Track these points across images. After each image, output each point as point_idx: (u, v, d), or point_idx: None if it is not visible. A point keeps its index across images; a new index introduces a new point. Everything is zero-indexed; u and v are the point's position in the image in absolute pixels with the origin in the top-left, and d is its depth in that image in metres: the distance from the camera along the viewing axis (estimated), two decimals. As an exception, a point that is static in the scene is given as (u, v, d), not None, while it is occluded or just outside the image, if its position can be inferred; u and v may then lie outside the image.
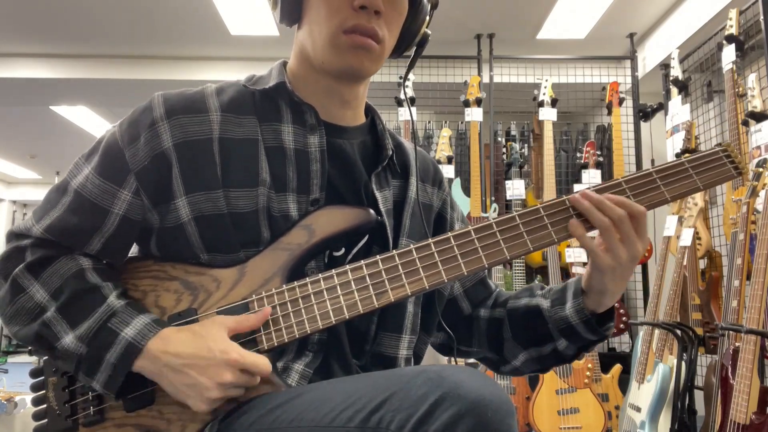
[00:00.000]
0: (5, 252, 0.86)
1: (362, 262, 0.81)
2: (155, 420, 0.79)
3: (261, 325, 0.79)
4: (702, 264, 2.90)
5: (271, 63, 0.96)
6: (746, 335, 2.00)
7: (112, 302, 0.80)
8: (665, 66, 3.46)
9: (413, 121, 1.05)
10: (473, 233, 0.81)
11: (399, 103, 3.68)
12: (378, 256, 0.81)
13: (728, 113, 2.68)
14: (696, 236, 2.80)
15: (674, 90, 3.22)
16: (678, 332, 2.51)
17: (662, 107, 3.57)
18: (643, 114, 3.87)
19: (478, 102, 3.66)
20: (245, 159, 0.86)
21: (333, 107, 0.93)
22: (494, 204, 3.67)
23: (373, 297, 0.79)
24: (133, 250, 0.91)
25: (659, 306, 2.72)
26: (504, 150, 3.77)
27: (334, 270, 0.81)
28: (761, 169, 2.24)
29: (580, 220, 0.82)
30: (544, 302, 0.93)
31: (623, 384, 2.96)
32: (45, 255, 0.84)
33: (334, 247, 0.89)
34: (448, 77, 4.01)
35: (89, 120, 5.78)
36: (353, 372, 0.87)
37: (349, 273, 0.81)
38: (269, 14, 3.67)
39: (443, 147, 3.69)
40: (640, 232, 0.82)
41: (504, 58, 3.97)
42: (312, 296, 0.80)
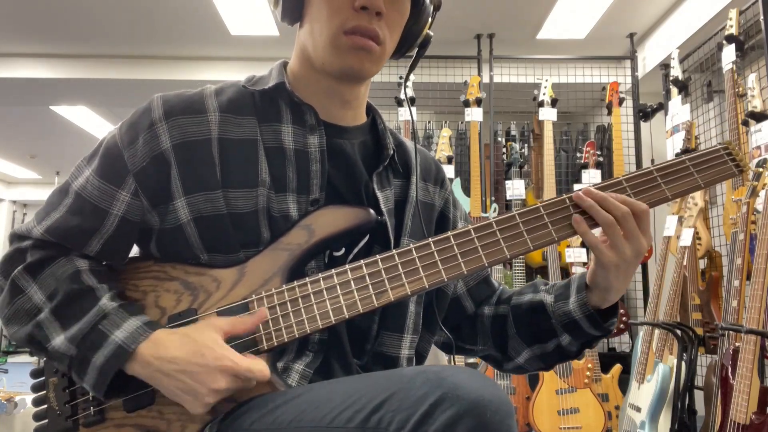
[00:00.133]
0: (7, 253, 0.86)
1: (362, 262, 0.81)
2: (155, 420, 0.79)
3: (257, 327, 0.79)
4: (702, 264, 2.90)
5: (271, 63, 0.96)
6: (746, 335, 1.99)
7: (105, 304, 0.80)
8: (665, 66, 3.46)
9: (413, 121, 1.05)
10: (473, 232, 0.81)
11: (399, 103, 3.68)
12: (378, 256, 0.81)
13: (728, 113, 2.68)
14: (696, 236, 2.80)
15: (674, 90, 3.22)
16: (678, 332, 2.51)
17: (662, 107, 3.57)
18: (643, 114, 3.86)
19: (478, 102, 3.66)
20: (244, 159, 0.86)
21: (333, 107, 0.93)
22: (494, 204, 3.67)
23: (373, 297, 0.79)
24: (134, 251, 0.91)
25: (659, 306, 2.72)
26: (504, 150, 3.77)
27: (334, 270, 0.81)
28: (761, 169, 2.24)
29: (583, 218, 0.82)
30: (548, 297, 0.93)
31: (623, 384, 2.96)
32: (44, 256, 0.84)
33: (334, 247, 0.89)
34: (448, 77, 4.01)
35: (89, 120, 5.78)
36: (354, 372, 0.87)
37: (349, 273, 0.80)
38: (269, 14, 3.67)
39: (443, 147, 3.69)
40: (644, 229, 0.82)
41: (504, 58, 3.97)
42: (312, 296, 0.80)
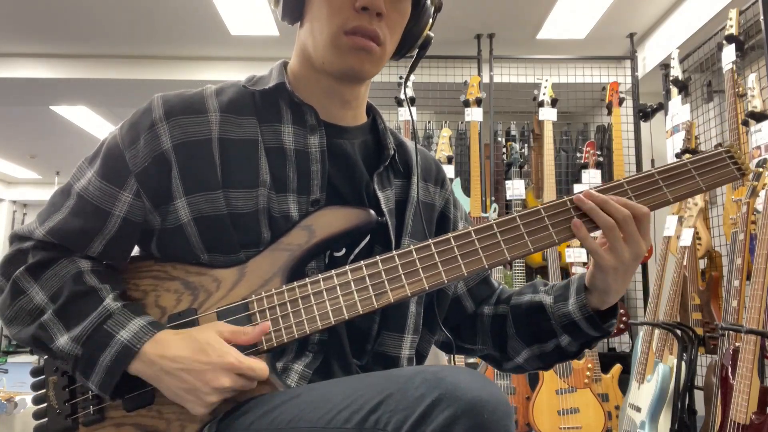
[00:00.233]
0: (8, 254, 0.86)
1: (362, 263, 0.81)
2: (154, 420, 0.79)
3: (260, 339, 0.78)
4: (702, 264, 2.90)
5: (271, 63, 0.96)
6: (746, 335, 1.99)
7: (109, 304, 0.80)
8: (665, 66, 3.46)
9: (413, 121, 1.05)
10: (473, 234, 0.81)
11: (399, 103, 3.68)
12: (378, 257, 0.81)
13: (728, 113, 2.67)
14: (696, 236, 2.80)
15: (674, 90, 3.22)
16: (678, 332, 2.51)
17: (662, 107, 3.57)
18: (643, 114, 3.86)
19: (478, 102, 3.66)
20: (245, 159, 0.86)
21: (333, 107, 0.93)
22: (494, 204, 3.67)
23: (373, 298, 0.79)
24: (135, 251, 0.91)
25: (659, 306, 2.72)
26: (504, 150, 3.77)
27: (334, 270, 0.81)
28: (761, 169, 2.24)
29: (583, 221, 0.82)
30: (547, 298, 0.93)
31: (623, 384, 2.96)
32: (46, 257, 0.84)
33: (335, 248, 0.89)
34: (448, 77, 4.01)
35: (89, 120, 5.78)
36: (353, 372, 0.87)
37: (349, 273, 0.81)
38: (269, 14, 3.67)
39: (443, 147, 3.69)
40: (644, 232, 0.82)
41: (504, 58, 3.96)
42: (311, 297, 0.80)
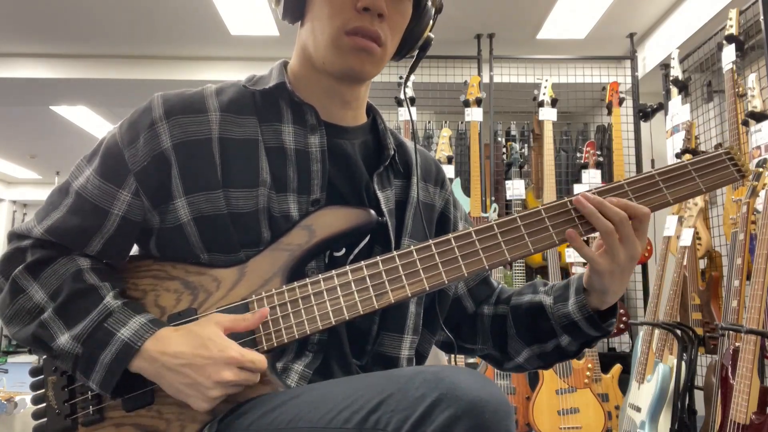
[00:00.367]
0: (6, 253, 0.86)
1: (362, 263, 0.81)
2: (154, 420, 0.79)
3: (258, 326, 0.79)
4: (702, 264, 2.90)
5: (271, 63, 0.95)
6: (746, 335, 1.99)
7: (109, 302, 0.80)
8: (665, 66, 3.46)
9: (413, 121, 1.05)
10: (474, 234, 0.81)
11: (399, 103, 3.68)
12: (378, 257, 0.81)
13: (728, 113, 2.67)
14: (696, 236, 2.80)
15: (674, 90, 3.22)
16: (678, 332, 2.51)
17: (662, 107, 3.57)
18: (643, 114, 3.86)
19: (478, 102, 3.65)
20: (245, 159, 0.86)
21: (334, 107, 0.93)
22: (494, 204, 3.67)
23: (373, 298, 0.79)
24: (134, 250, 0.91)
25: (659, 306, 2.72)
26: (504, 150, 3.77)
27: (334, 271, 0.81)
28: (761, 169, 2.24)
29: (581, 223, 0.82)
30: (547, 299, 0.94)
31: (623, 384, 2.96)
32: (44, 256, 0.84)
33: (335, 248, 0.89)
34: (448, 77, 4.01)
35: (89, 120, 5.78)
36: (353, 372, 0.87)
37: (349, 274, 0.80)
38: (269, 14, 3.67)
39: (443, 147, 3.69)
40: (641, 234, 0.82)
41: (504, 58, 3.96)
42: (312, 297, 0.80)
